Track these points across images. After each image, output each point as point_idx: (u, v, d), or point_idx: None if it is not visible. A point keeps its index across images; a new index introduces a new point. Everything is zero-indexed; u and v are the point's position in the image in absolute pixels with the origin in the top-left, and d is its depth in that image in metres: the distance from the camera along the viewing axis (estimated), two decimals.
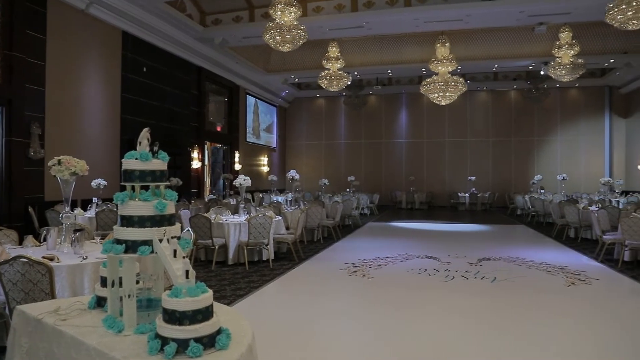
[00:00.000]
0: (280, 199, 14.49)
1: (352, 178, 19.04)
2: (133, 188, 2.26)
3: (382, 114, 23.94)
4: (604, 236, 8.45)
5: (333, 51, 14.77)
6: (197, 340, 1.84)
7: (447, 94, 14.36)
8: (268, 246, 7.87)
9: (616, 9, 9.11)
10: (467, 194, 20.76)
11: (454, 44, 15.18)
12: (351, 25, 14.31)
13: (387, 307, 5.56)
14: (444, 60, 13.81)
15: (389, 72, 20.27)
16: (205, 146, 16.81)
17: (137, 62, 12.40)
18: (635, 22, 9.10)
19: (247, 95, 20.15)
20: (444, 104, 15.08)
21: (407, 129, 23.74)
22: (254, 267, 7.69)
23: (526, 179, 21.45)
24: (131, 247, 2.16)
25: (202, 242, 7.72)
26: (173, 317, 1.87)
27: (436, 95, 14.44)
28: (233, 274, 7.24)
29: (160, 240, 2.12)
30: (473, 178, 21.43)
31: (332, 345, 4.32)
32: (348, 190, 18.44)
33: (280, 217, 8.88)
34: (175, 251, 2.08)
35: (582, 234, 10.98)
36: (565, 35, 13.44)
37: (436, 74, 14.38)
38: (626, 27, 9.39)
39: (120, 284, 2.20)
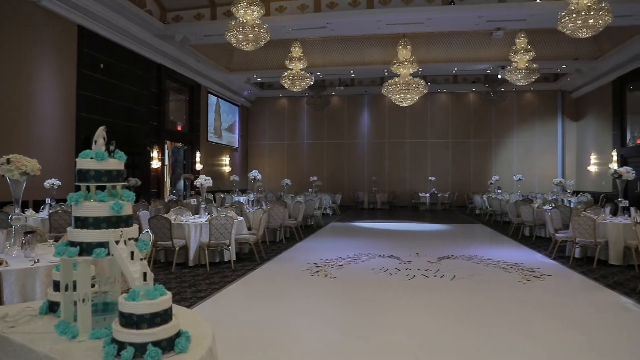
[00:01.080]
0: (242, 199, 14.38)
1: (315, 178, 19.08)
2: (88, 188, 2.19)
3: (344, 114, 24.11)
4: (557, 234, 8.79)
5: (296, 51, 14.77)
6: (156, 344, 1.80)
7: (408, 96, 14.62)
8: (230, 247, 7.78)
9: (567, 18, 9.59)
10: (427, 194, 21.15)
11: (415, 46, 15.45)
12: (314, 25, 14.35)
13: (349, 307, 5.60)
14: (406, 62, 14.04)
15: (352, 73, 20.43)
16: (166, 145, 16.48)
17: (94, 58, 12.02)
18: (584, 30, 9.62)
19: (209, 94, 19.88)
20: (405, 105, 15.34)
21: (369, 129, 23.99)
22: (215, 269, 7.59)
23: (484, 179, 22.06)
24: (86, 249, 2.09)
25: (162, 244, 7.56)
26: (130, 320, 1.82)
27: (397, 96, 14.67)
28: (194, 275, 7.12)
29: (117, 242, 2.06)
30: (433, 178, 21.86)
31: (295, 345, 4.31)
32: (310, 190, 18.47)
33: (242, 218, 8.80)
34: (132, 253, 2.03)
35: (536, 232, 11.39)
36: (521, 41, 13.92)
37: (398, 76, 14.61)
38: (576, 35, 9.89)
39: (75, 288, 2.12)
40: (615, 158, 18.14)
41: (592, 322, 5.02)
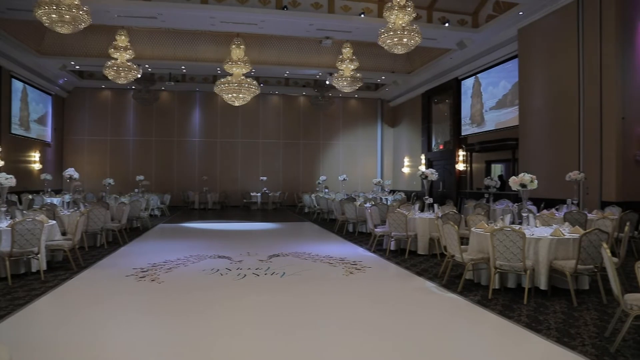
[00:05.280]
0: (56, 200, 12.88)
1: (141, 177, 18.01)
2: None
3: (175, 111, 23.18)
4: (376, 229, 9.65)
5: (122, 40, 13.69)
6: None
7: (240, 95, 14.59)
8: (39, 255, 6.85)
9: (385, 35, 10.73)
10: (259, 194, 21.46)
11: (249, 47, 15.55)
12: (143, 14, 13.49)
13: (178, 311, 5.35)
14: (239, 62, 14.00)
15: (183, 69, 19.74)
16: None
17: None
18: (399, 47, 10.88)
19: (13, 79, 17.30)
20: (238, 104, 15.31)
21: (201, 128, 23.46)
22: (19, 281, 6.61)
23: (313, 179, 23.22)
24: None
25: None
26: None
27: (230, 95, 14.57)
28: None
29: None
30: (265, 178, 22.26)
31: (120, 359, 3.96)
32: (137, 190, 17.31)
33: (54, 222, 7.85)
34: None
35: (359, 228, 12.35)
36: (347, 51, 14.96)
37: (230, 75, 14.51)
38: (393, 51, 11.10)
39: None
40: (423, 161, 20.72)
41: (404, 304, 5.65)
